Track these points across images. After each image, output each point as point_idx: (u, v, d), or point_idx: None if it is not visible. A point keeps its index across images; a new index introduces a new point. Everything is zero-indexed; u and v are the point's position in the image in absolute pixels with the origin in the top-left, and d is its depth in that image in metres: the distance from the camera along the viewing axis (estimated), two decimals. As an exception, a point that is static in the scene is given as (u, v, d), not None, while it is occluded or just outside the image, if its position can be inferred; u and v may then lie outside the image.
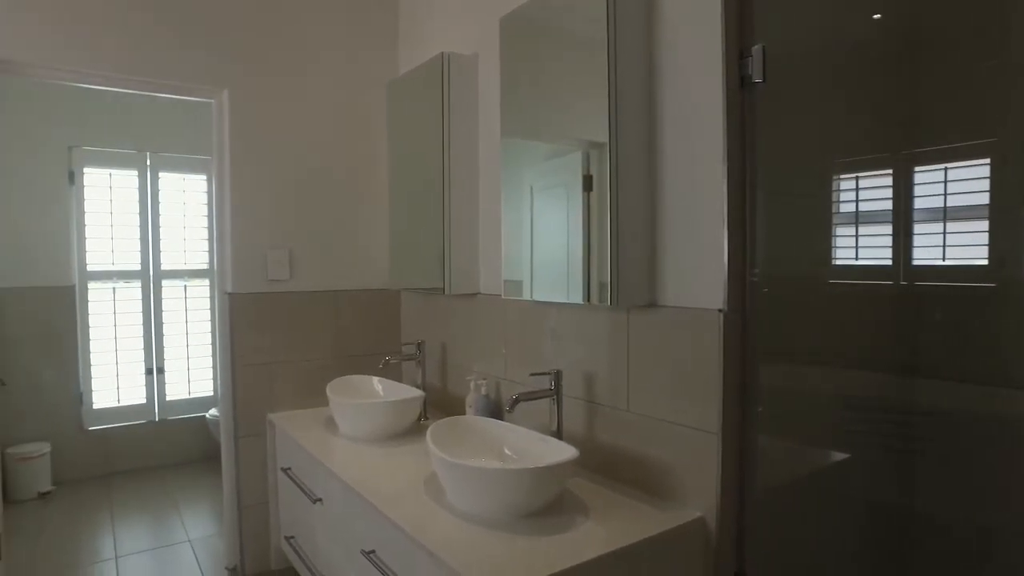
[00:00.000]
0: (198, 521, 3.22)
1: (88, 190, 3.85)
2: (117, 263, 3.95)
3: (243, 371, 2.51)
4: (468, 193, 2.27)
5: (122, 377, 3.99)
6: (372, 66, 2.75)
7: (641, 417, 1.65)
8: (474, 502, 1.49)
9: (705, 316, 1.46)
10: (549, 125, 1.86)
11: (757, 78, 1.39)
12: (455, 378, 2.46)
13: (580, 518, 1.49)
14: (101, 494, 3.62)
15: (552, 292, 1.84)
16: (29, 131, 3.62)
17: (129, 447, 3.98)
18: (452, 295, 2.32)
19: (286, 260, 2.57)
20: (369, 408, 2.13)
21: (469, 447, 1.75)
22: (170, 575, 2.68)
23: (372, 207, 2.77)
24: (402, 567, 1.51)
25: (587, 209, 1.69)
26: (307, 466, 2.15)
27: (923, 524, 1.44)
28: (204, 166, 4.12)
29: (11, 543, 2.37)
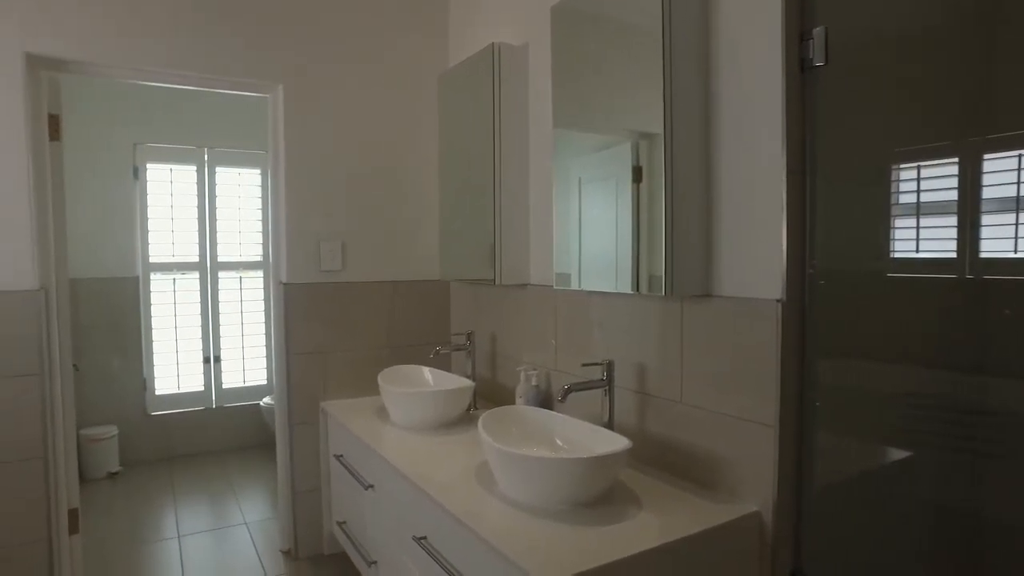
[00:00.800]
0: (253, 505, 3.32)
1: (150, 185, 3.99)
2: (177, 255, 4.10)
3: (297, 360, 2.58)
4: (518, 184, 2.27)
5: (182, 365, 4.14)
6: (423, 59, 2.77)
7: (695, 409, 1.62)
8: (526, 491, 1.50)
9: (763, 306, 1.43)
10: (599, 116, 1.85)
11: (818, 61, 1.34)
12: (504, 368, 2.47)
13: (632, 509, 1.48)
14: (164, 476, 3.77)
15: (603, 283, 1.83)
16: (97, 130, 3.77)
17: (188, 432, 4.14)
18: (502, 286, 2.33)
19: (339, 251, 2.63)
20: (421, 397, 2.16)
21: (520, 436, 1.76)
22: (228, 555, 2.77)
23: (423, 199, 2.80)
24: (454, 554, 1.52)
25: (636, 200, 1.68)
26: (359, 453, 2.19)
27: (991, 528, 1.38)
28: (258, 160, 4.23)
29: (86, 519, 2.49)
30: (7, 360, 2.14)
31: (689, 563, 1.36)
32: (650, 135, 1.63)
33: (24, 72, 2.14)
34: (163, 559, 2.73)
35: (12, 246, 2.14)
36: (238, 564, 2.67)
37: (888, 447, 1.59)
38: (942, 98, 1.29)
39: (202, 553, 2.79)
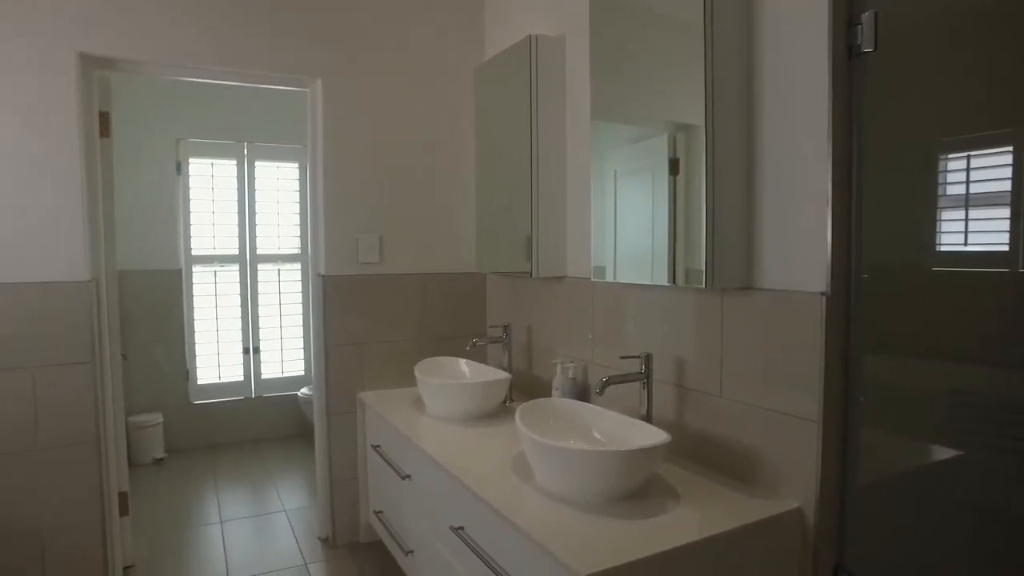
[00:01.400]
0: (292, 493, 3.39)
1: (192, 179, 4.09)
2: (218, 248, 4.19)
3: (335, 351, 2.62)
4: (555, 177, 2.27)
5: (222, 355, 4.24)
6: (459, 52, 2.78)
7: (734, 403, 1.61)
8: (564, 483, 1.50)
9: (806, 300, 1.41)
10: (636, 108, 1.84)
11: (867, 47, 1.31)
12: (540, 361, 2.48)
13: (671, 503, 1.47)
14: (206, 463, 3.87)
15: (640, 275, 1.83)
16: (142, 126, 3.87)
17: (229, 421, 4.24)
18: (539, 278, 2.33)
19: (376, 244, 2.66)
20: (458, 389, 2.18)
21: (557, 429, 1.76)
22: (268, 541, 2.83)
23: (460, 192, 2.81)
24: (491, 544, 1.53)
25: (673, 193, 1.67)
26: (396, 444, 2.22)
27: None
28: (296, 155, 4.30)
29: (134, 502, 2.57)
30: (62, 348, 2.22)
31: (729, 558, 1.35)
32: (687, 126, 1.62)
33: (77, 72, 2.21)
34: (207, 543, 2.81)
35: (66, 239, 2.22)
36: (278, 550, 2.73)
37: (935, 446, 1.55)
38: (996, 84, 1.24)
39: (243, 539, 2.86)
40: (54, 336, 2.21)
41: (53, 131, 2.19)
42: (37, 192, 2.18)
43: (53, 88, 2.18)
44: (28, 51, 2.14)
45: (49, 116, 2.18)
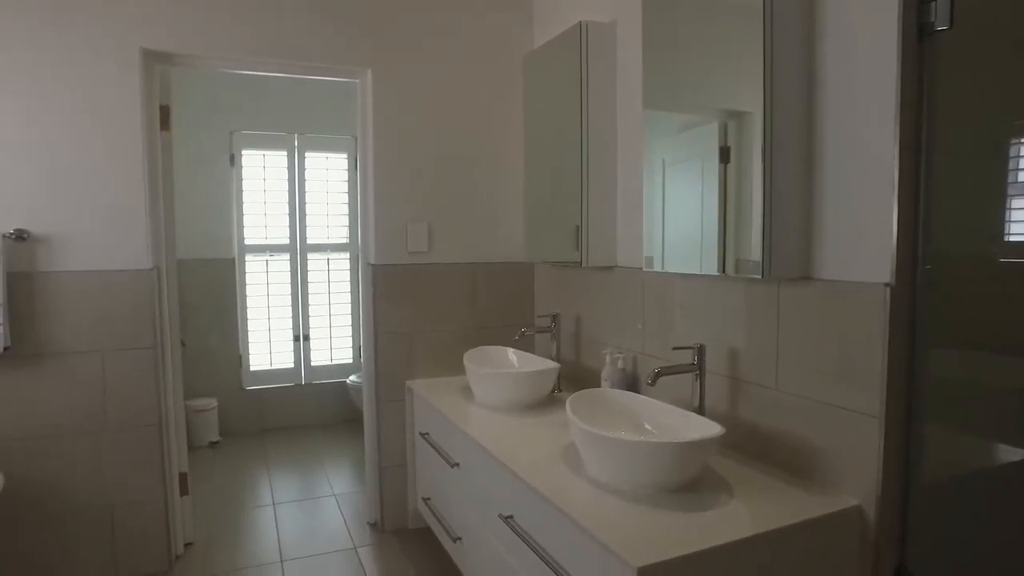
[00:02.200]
0: (341, 478, 3.46)
1: (245, 171, 4.19)
2: (269, 238, 4.29)
3: (384, 339, 2.66)
4: (606, 165, 2.25)
5: (274, 343, 4.35)
6: (508, 39, 2.77)
7: (790, 396, 1.57)
8: (615, 474, 1.49)
9: (869, 291, 1.36)
10: (688, 96, 1.80)
11: (941, 25, 1.25)
12: (588, 351, 2.46)
13: (723, 496, 1.45)
14: (258, 447, 3.98)
15: (691, 265, 1.80)
16: (198, 119, 3.98)
17: (280, 406, 4.35)
18: (588, 268, 2.31)
19: (425, 233, 2.68)
20: (506, 378, 2.18)
21: (607, 419, 1.75)
22: (319, 524, 2.90)
23: (508, 181, 2.81)
24: (541, 533, 1.54)
25: (723, 181, 1.64)
26: (445, 432, 2.24)
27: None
28: (344, 145, 4.36)
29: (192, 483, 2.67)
30: (127, 334, 2.31)
31: (785, 555, 1.32)
32: (739, 114, 1.59)
33: (141, 67, 2.28)
34: (260, 524, 2.90)
35: (130, 229, 2.30)
36: (328, 533, 2.80)
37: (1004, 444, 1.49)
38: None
39: (295, 521, 2.94)
40: (120, 322, 2.30)
41: (119, 125, 2.27)
42: (104, 184, 2.26)
43: (119, 83, 2.26)
44: (96, 48, 2.22)
45: (115, 111, 2.26)
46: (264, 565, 2.52)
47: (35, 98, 2.17)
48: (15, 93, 2.15)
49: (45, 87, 2.18)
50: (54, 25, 2.18)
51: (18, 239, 2.15)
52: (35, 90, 2.17)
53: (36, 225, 2.19)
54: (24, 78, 2.16)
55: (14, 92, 2.15)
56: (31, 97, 2.17)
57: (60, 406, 2.25)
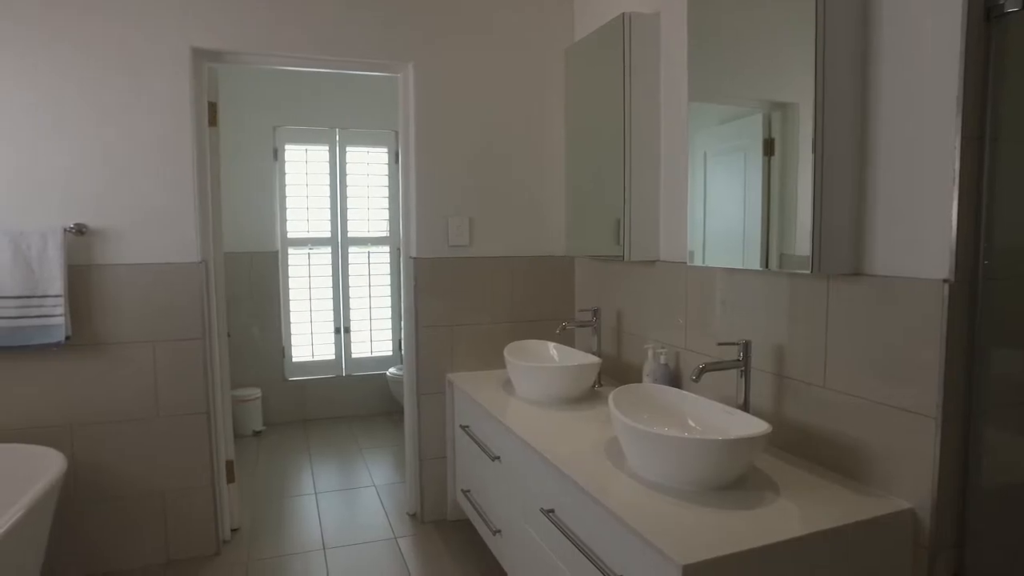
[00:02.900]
0: (381, 469, 3.51)
1: (288, 165, 4.26)
2: (311, 231, 4.36)
3: (425, 332, 2.68)
4: (648, 159, 2.22)
5: (315, 335, 4.42)
6: (548, 32, 2.75)
7: (839, 394, 1.53)
8: (659, 470, 1.48)
9: (926, 287, 1.32)
10: (732, 87, 1.76)
11: (1012, 7, 1.19)
12: (630, 346, 2.44)
13: (769, 495, 1.43)
14: (300, 437, 4.06)
15: (734, 260, 1.77)
16: (243, 115, 4.06)
17: (321, 397, 4.43)
18: (630, 262, 2.30)
19: (466, 226, 2.69)
20: (549, 372, 2.18)
21: (650, 414, 1.73)
22: (359, 513, 2.94)
23: (549, 174, 2.80)
24: (582, 528, 1.53)
25: (767, 174, 1.61)
26: (485, 425, 2.25)
27: None
28: (385, 139, 4.40)
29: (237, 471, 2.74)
30: (177, 325, 2.38)
31: (834, 557, 1.29)
32: (784, 105, 1.56)
33: (190, 65, 2.34)
34: (303, 512, 2.96)
35: (180, 223, 2.36)
36: (368, 523, 2.84)
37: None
38: None
39: (336, 510, 2.99)
40: (170, 313, 2.37)
41: (170, 123, 2.33)
42: (156, 180, 2.33)
43: (170, 82, 2.32)
44: (148, 48, 2.29)
45: (166, 109, 2.32)
46: (308, 552, 2.57)
47: (90, 99, 2.25)
48: (70, 95, 2.23)
49: (100, 88, 2.25)
50: (107, 26, 2.25)
51: (78, 233, 2.23)
52: (90, 91, 2.24)
53: (94, 220, 2.27)
54: (79, 80, 2.23)
55: (69, 94, 2.23)
56: (86, 98, 2.24)
57: (115, 394, 2.34)
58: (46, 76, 2.20)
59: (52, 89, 2.21)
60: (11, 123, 2.18)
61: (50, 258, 2.16)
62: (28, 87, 2.19)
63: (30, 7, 2.17)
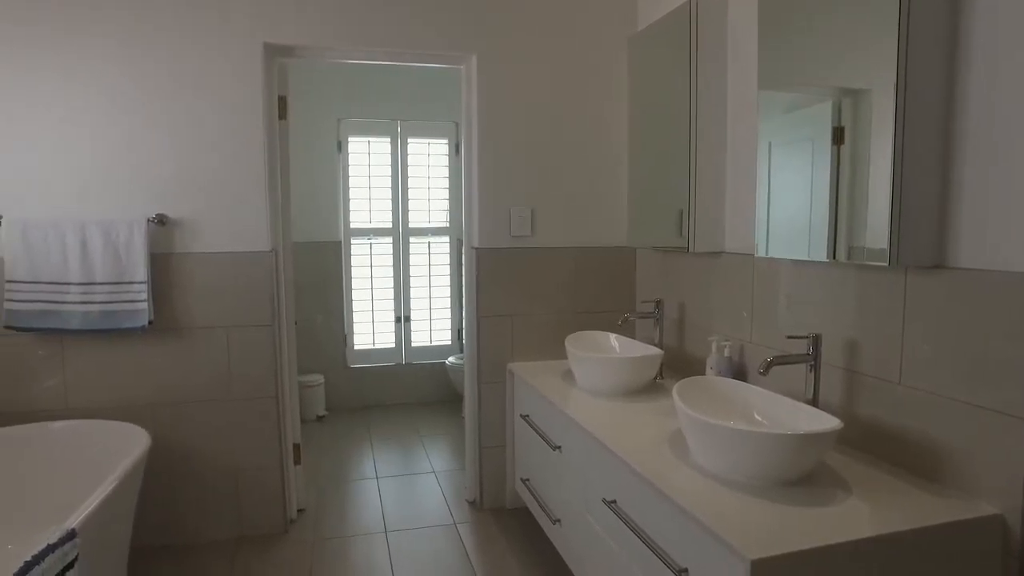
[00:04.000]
0: (440, 455, 3.57)
1: (351, 157, 4.36)
2: (373, 222, 4.45)
3: (486, 322, 2.71)
4: (714, 149, 2.18)
5: (376, 323, 4.52)
6: (611, 21, 2.73)
7: (917, 391, 1.48)
8: (725, 464, 1.46)
9: (1020, 280, 1.25)
10: (803, 74, 1.72)
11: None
12: (692, 338, 2.41)
13: (840, 493, 1.39)
14: (361, 422, 4.17)
15: (802, 252, 1.72)
16: (308, 108, 4.17)
17: (381, 384, 4.53)
18: (694, 253, 2.26)
19: (528, 217, 2.70)
20: (611, 363, 2.17)
21: (715, 407, 1.71)
22: (419, 499, 3.01)
23: (611, 165, 2.78)
24: (645, 519, 1.53)
25: (837, 164, 1.57)
26: (546, 414, 2.26)
27: None
28: (445, 131, 4.45)
29: (303, 454, 2.83)
30: (248, 312, 2.48)
31: (911, 562, 1.24)
32: (856, 91, 1.51)
33: (262, 61, 2.42)
34: (365, 495, 3.04)
35: (252, 214, 2.45)
36: (428, 508, 2.90)
37: None
38: None
39: (397, 494, 3.06)
40: (242, 300, 2.47)
41: (243, 117, 2.42)
42: (230, 172, 2.42)
43: (243, 78, 2.40)
44: (222, 45, 2.38)
45: (239, 104, 2.41)
46: (370, 534, 2.64)
47: (169, 98, 2.35)
48: (152, 95, 2.34)
49: (178, 87, 2.36)
50: (182, 26, 2.34)
51: (159, 223, 2.35)
52: (167, 89, 2.35)
53: (173, 210, 2.38)
54: (156, 78, 2.34)
55: (148, 92, 2.34)
56: (166, 98, 2.35)
57: (192, 376, 2.45)
58: (128, 80, 2.32)
59: (134, 91, 2.32)
60: (100, 123, 2.31)
61: (135, 246, 2.28)
62: (114, 91, 2.31)
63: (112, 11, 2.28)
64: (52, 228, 2.24)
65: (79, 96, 2.29)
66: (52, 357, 2.34)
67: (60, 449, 2.20)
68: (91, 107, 2.30)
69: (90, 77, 2.29)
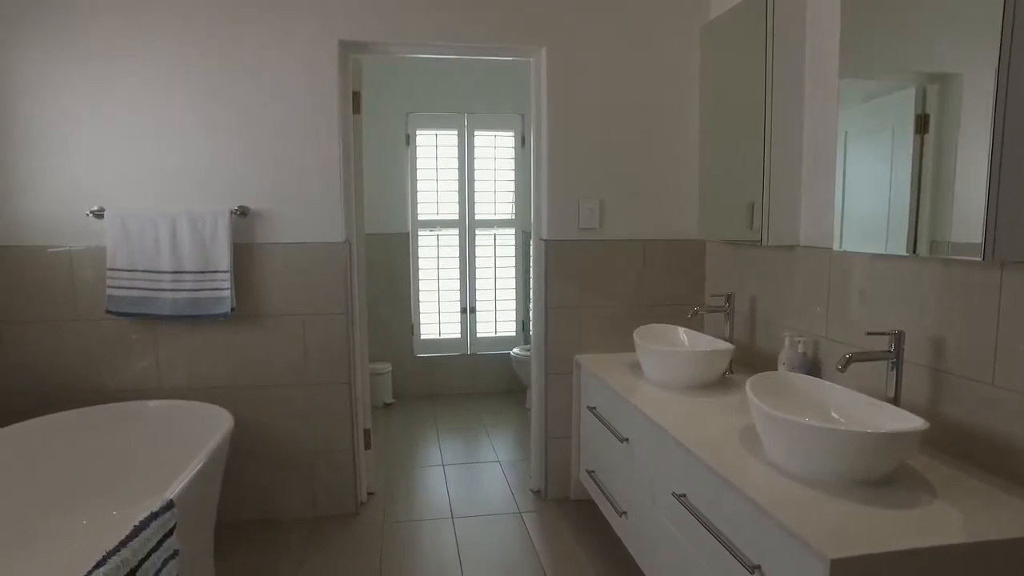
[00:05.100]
0: (504, 445, 3.61)
1: (419, 150, 4.44)
2: (440, 213, 4.52)
3: (554, 313, 2.72)
4: (789, 139, 2.11)
5: (442, 314, 4.60)
6: (681, 10, 2.68)
7: (1012, 393, 1.40)
8: (802, 461, 1.43)
9: None
10: (890, 60, 1.64)
11: None
12: (763, 333, 2.36)
13: (924, 496, 1.34)
14: (427, 410, 4.26)
15: (879, 246, 1.67)
16: (378, 102, 4.27)
17: (447, 374, 4.61)
18: (768, 247, 2.21)
19: (597, 209, 2.69)
20: (681, 356, 2.15)
21: (789, 403, 1.67)
22: (485, 487, 3.06)
23: (681, 157, 2.74)
24: (716, 514, 1.51)
25: (920, 153, 1.51)
26: (614, 407, 2.26)
27: None
28: (511, 124, 4.47)
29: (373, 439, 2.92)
30: (324, 300, 2.57)
31: (1004, 572, 1.19)
32: (944, 76, 1.44)
33: (338, 57, 2.49)
34: (431, 482, 3.11)
35: (327, 205, 2.54)
36: (493, 496, 2.94)
37: None
38: None
39: (463, 482, 3.12)
40: (317, 289, 2.56)
41: (319, 112, 2.50)
42: (307, 164, 2.51)
43: (319, 74, 2.48)
44: (300, 43, 2.47)
45: (316, 98, 2.49)
46: (437, 520, 2.70)
47: (249, 97, 2.46)
48: (232, 95, 2.45)
49: (257, 87, 2.46)
50: (260, 31, 2.44)
51: (241, 215, 2.46)
52: (248, 90, 2.46)
53: (254, 202, 2.49)
54: (237, 81, 2.45)
55: (230, 94, 2.45)
56: (246, 96, 2.46)
57: (271, 361, 2.57)
58: (211, 83, 2.44)
59: (218, 93, 2.44)
60: (188, 123, 2.44)
61: (220, 237, 2.40)
62: (199, 94, 2.43)
63: (200, 21, 2.40)
64: (147, 219, 2.38)
65: (169, 100, 2.42)
66: (145, 340, 2.50)
67: (155, 425, 2.35)
68: (179, 109, 2.43)
69: (178, 83, 2.42)
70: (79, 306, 2.45)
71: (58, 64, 2.35)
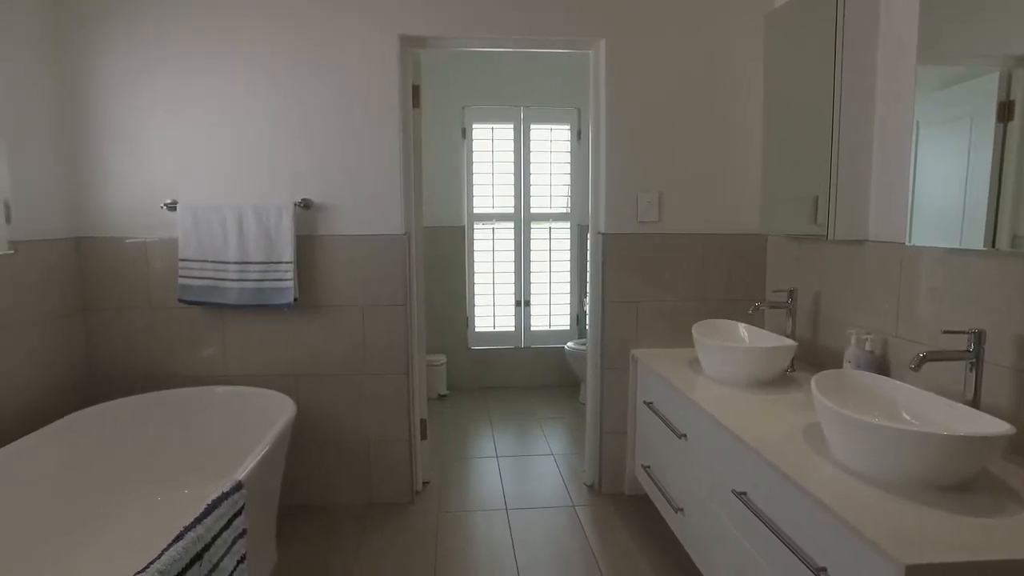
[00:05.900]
0: (557, 439, 3.61)
1: (475, 143, 4.46)
2: (496, 207, 4.54)
3: (611, 307, 2.70)
4: (859, 130, 2.03)
5: (497, 307, 4.63)
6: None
7: (1106, 397, 1.32)
8: (872, 462, 1.38)
9: None
10: (965, 43, 1.57)
11: None
12: (827, 330, 2.28)
13: (1010, 505, 1.27)
14: (481, 402, 4.30)
15: (954, 240, 1.60)
16: (435, 96, 4.31)
17: (501, 366, 4.64)
18: (832, 242, 2.14)
19: (656, 202, 2.66)
20: (742, 353, 2.11)
21: (856, 402, 1.62)
22: (539, 479, 3.06)
23: (742, 149, 2.67)
24: (779, 514, 1.48)
25: (1002, 143, 1.44)
26: (671, 402, 2.23)
27: None
28: (567, 117, 4.44)
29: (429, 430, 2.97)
30: (384, 291, 2.62)
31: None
32: None
33: (399, 52, 2.53)
34: (486, 473, 3.14)
35: (388, 198, 2.58)
36: (547, 489, 2.95)
37: None
38: None
39: (516, 473, 3.14)
40: (377, 281, 2.62)
41: (380, 106, 2.55)
42: (368, 158, 2.56)
43: (381, 70, 2.53)
44: (361, 39, 2.52)
45: (377, 94, 2.54)
46: (491, 511, 2.73)
47: (313, 93, 2.52)
48: (296, 91, 2.52)
49: (320, 83, 2.52)
50: (324, 28, 2.50)
51: (304, 208, 2.53)
52: (312, 87, 2.52)
53: (317, 195, 2.56)
54: (302, 79, 2.51)
55: (295, 91, 2.52)
56: (310, 93, 2.52)
57: (331, 351, 2.64)
58: (277, 81, 2.51)
59: (283, 91, 2.51)
60: (255, 119, 2.52)
61: (284, 229, 2.47)
62: (265, 92, 2.51)
63: (265, 21, 2.47)
64: (215, 212, 2.48)
65: (237, 98, 2.51)
66: (213, 328, 2.60)
67: (222, 410, 2.46)
68: (247, 106, 2.51)
69: (245, 82, 2.50)
70: (153, 295, 2.57)
71: (140, 66, 2.47)
